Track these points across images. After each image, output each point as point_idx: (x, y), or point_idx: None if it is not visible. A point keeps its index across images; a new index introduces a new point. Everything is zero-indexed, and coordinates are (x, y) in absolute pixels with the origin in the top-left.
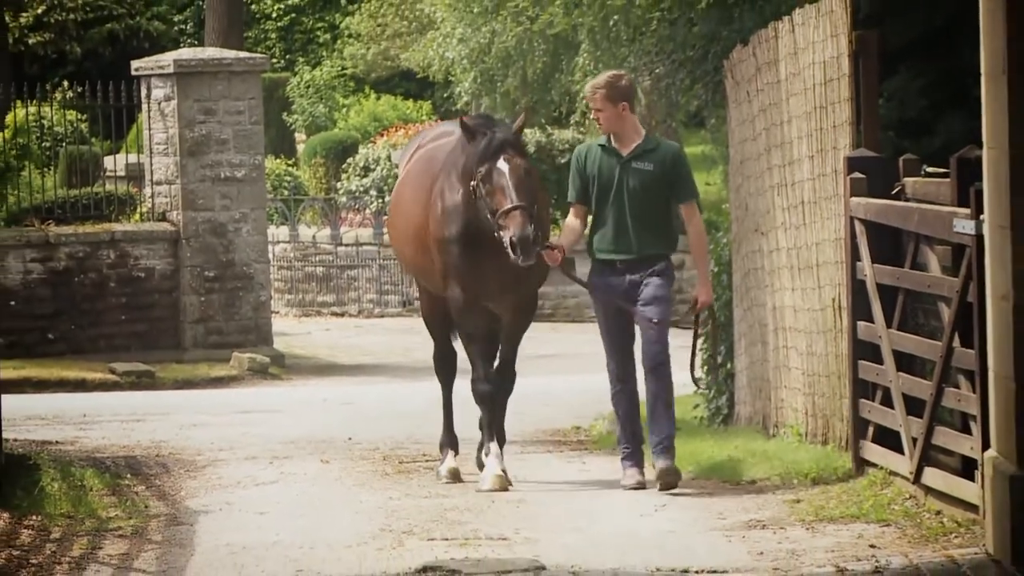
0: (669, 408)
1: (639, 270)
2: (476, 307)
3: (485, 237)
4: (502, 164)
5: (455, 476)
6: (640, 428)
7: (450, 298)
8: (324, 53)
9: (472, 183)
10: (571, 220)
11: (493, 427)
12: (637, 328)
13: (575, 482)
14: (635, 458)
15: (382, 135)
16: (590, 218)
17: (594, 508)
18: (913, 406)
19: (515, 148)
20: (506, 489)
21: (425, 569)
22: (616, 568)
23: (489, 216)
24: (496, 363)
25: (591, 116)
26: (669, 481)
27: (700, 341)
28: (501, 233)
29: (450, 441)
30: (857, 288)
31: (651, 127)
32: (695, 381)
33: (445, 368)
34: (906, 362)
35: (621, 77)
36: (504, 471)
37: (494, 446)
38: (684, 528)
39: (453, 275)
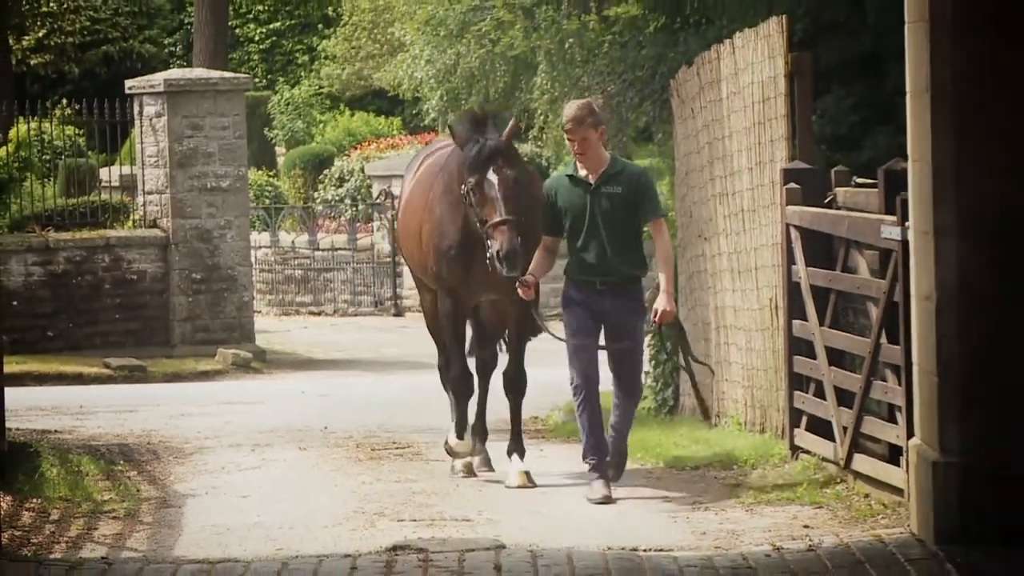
0: (629, 413)
1: (615, 293)
2: (464, 311)
3: (476, 242)
4: (492, 176)
5: (469, 471)
6: (604, 441)
7: (440, 300)
8: (302, 73)
9: (463, 190)
10: (541, 253)
11: (463, 422)
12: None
13: (533, 468)
14: (600, 469)
15: (356, 149)
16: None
17: (551, 492)
18: (843, 398)
19: (506, 158)
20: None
21: (395, 548)
22: (571, 547)
23: (478, 225)
24: (505, 369)
25: (573, 148)
26: (607, 494)
27: (667, 344)
28: (489, 243)
29: (480, 431)
30: (792, 289)
31: (605, 142)
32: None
33: (486, 368)
34: (837, 357)
35: (592, 104)
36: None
37: (481, 447)
38: (633, 511)
39: (444, 279)
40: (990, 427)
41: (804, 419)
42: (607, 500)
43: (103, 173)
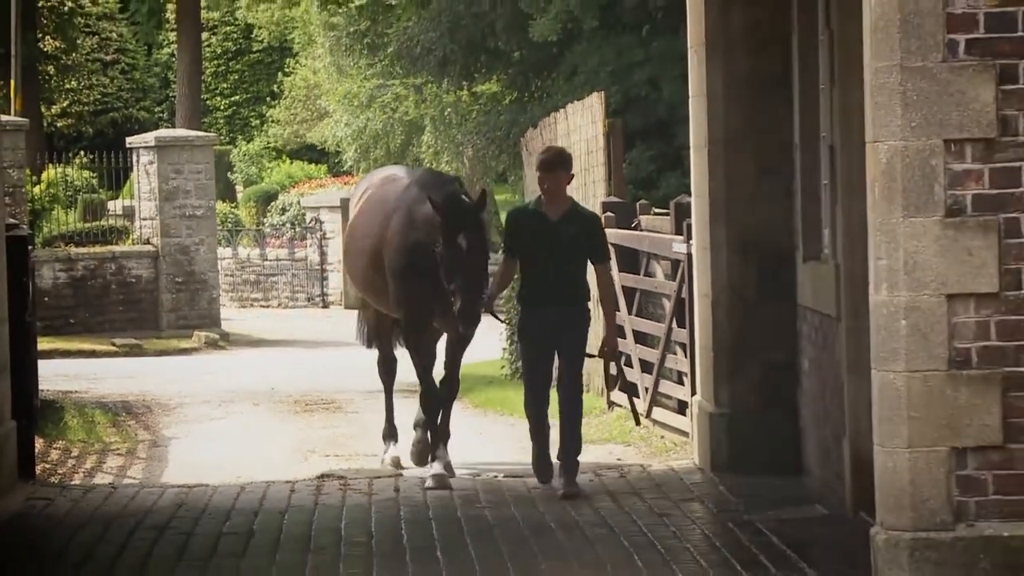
0: (575, 426)
1: (563, 317)
2: (424, 326)
3: (433, 268)
4: (461, 240)
5: (397, 464)
6: (548, 439)
7: (403, 319)
8: (255, 133)
9: (435, 248)
10: (503, 270)
11: (440, 431)
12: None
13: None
14: (544, 465)
15: (294, 187)
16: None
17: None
18: (646, 367)
19: (473, 226)
20: (448, 487)
21: (322, 476)
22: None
23: (444, 279)
24: (443, 375)
25: (541, 184)
26: (571, 494)
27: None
28: (453, 298)
29: (391, 433)
30: None
31: (473, 183)
32: (609, 402)
33: (388, 372)
34: (642, 337)
35: (565, 152)
36: (447, 469)
37: (441, 451)
38: (495, 446)
39: (404, 300)
40: (748, 388)
41: (618, 382)
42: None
43: (110, 205)
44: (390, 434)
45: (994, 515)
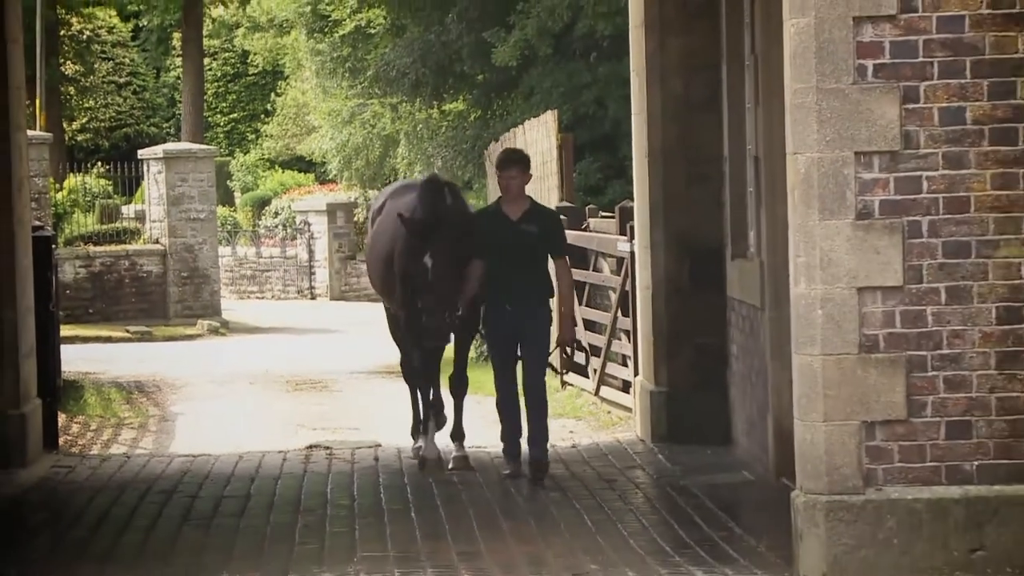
0: (542, 419)
1: (524, 313)
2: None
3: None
4: (427, 260)
5: (463, 463)
6: (519, 429)
7: (402, 319)
8: (251, 146)
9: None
10: (476, 272)
11: (454, 431)
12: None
13: (400, 396)
14: (514, 452)
15: (286, 194)
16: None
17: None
18: (595, 351)
19: (441, 244)
20: (471, 468)
21: (310, 446)
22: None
23: (413, 295)
24: (450, 374)
25: (500, 183)
26: (539, 470)
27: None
28: (422, 312)
29: (422, 427)
30: None
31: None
32: (563, 382)
33: (413, 373)
34: (591, 325)
35: (524, 153)
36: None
37: (458, 446)
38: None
39: (403, 303)
40: (683, 369)
41: (570, 364)
42: (516, 474)
43: (124, 209)
44: (421, 429)
45: (899, 481)
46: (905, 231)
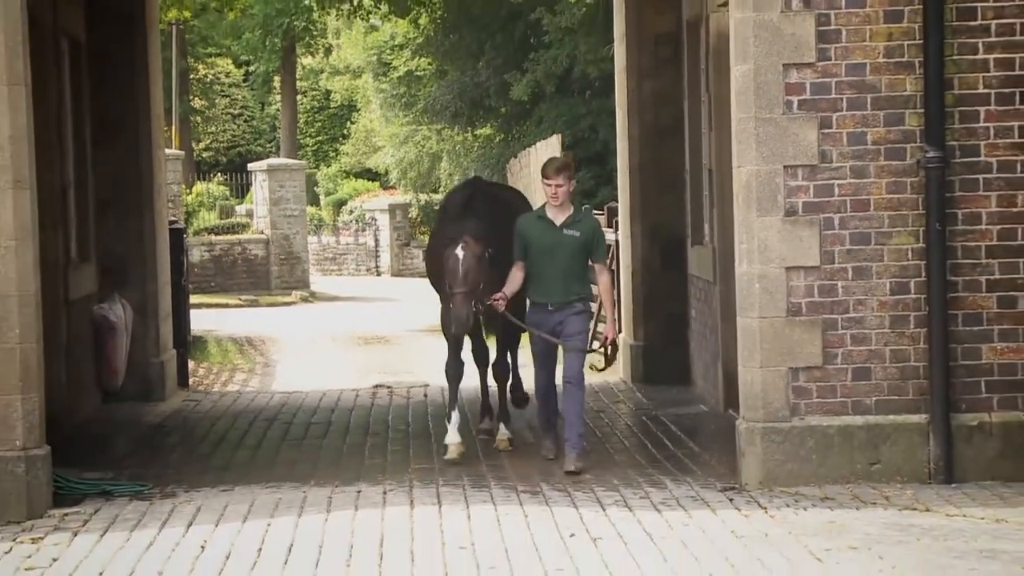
0: (580, 415)
1: (565, 310)
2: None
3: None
4: (459, 251)
5: (499, 437)
6: (555, 415)
7: (444, 310)
8: (332, 161)
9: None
10: (515, 272)
11: (500, 413)
12: (561, 351)
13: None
14: (551, 435)
15: (358, 197)
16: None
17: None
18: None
19: (465, 240)
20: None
21: (376, 386)
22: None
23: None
24: (493, 362)
25: (548, 190)
26: (573, 471)
27: (606, 352)
28: (451, 302)
29: (485, 410)
30: None
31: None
32: (604, 359)
33: (480, 362)
34: None
35: (571, 159)
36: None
37: (503, 429)
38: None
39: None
40: (656, 329)
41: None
42: (551, 454)
43: (237, 208)
44: (485, 407)
45: (816, 412)
46: (821, 224)
